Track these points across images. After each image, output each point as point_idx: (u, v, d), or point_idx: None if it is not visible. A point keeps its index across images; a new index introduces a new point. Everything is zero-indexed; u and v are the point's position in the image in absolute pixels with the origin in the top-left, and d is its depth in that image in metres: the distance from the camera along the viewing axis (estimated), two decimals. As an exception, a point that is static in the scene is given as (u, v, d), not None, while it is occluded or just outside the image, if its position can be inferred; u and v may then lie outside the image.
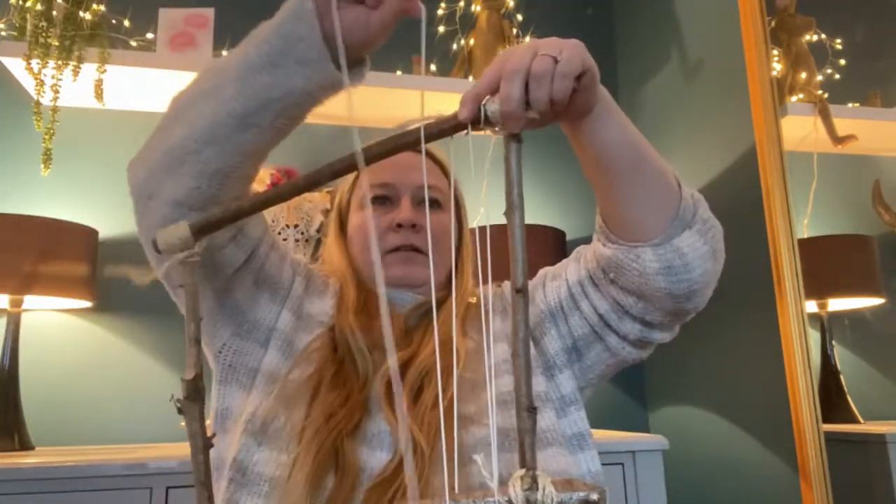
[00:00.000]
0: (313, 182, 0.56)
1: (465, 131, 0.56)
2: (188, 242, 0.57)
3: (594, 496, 0.41)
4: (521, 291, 0.48)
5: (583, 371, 0.83)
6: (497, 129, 0.55)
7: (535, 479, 0.42)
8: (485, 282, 0.81)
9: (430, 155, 0.94)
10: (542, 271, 0.90)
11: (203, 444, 0.55)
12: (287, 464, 0.68)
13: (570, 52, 0.57)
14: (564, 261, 0.87)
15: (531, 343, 0.81)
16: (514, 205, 0.50)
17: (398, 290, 0.86)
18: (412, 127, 0.56)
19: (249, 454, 0.70)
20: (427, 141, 0.55)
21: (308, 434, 0.69)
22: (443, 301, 0.86)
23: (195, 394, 0.54)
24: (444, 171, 0.94)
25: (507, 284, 0.93)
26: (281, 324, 0.80)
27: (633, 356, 0.82)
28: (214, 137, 0.65)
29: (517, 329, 0.48)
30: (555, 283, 0.85)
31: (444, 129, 0.56)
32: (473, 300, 0.91)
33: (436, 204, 0.90)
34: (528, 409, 0.46)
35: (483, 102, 0.55)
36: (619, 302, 0.77)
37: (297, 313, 0.82)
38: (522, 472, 0.43)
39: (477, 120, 0.55)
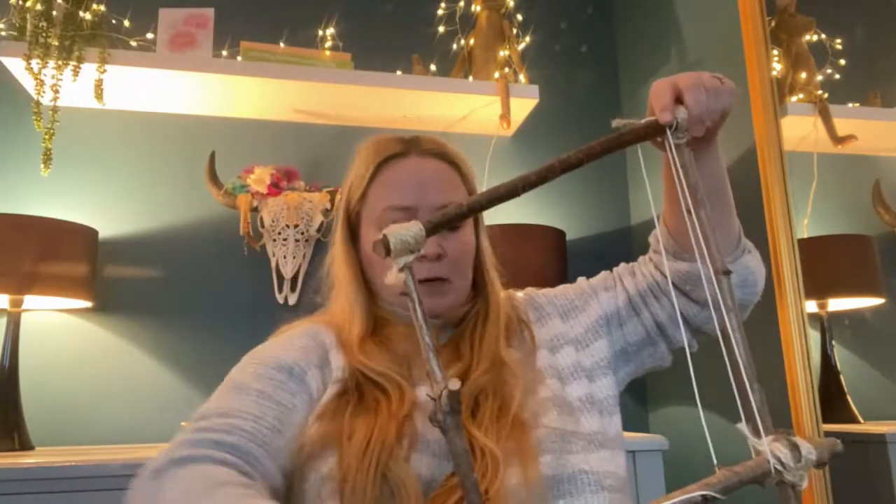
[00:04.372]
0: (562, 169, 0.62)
1: (661, 136, 0.64)
2: (420, 241, 0.56)
3: (840, 447, 0.52)
4: (728, 273, 0.58)
5: (624, 377, 0.89)
6: (680, 135, 0.64)
7: (791, 441, 0.49)
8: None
9: (445, 158, 0.86)
10: (582, 282, 0.94)
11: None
12: None
13: (727, 78, 0.70)
14: (607, 275, 0.92)
15: (573, 350, 0.85)
16: (700, 203, 0.60)
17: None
18: (615, 123, 0.64)
19: None
20: (627, 144, 0.63)
21: (350, 477, 0.66)
22: (480, 314, 0.84)
23: (457, 405, 0.53)
24: (461, 173, 0.87)
25: (531, 291, 0.94)
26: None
27: (665, 364, 0.90)
28: None
29: (728, 304, 0.56)
30: (608, 293, 0.89)
31: (647, 132, 0.64)
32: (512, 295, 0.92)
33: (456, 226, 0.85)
34: (759, 381, 0.54)
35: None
36: (682, 312, 0.84)
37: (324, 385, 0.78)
38: (773, 436, 0.50)
39: (670, 125, 0.64)
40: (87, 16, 1.63)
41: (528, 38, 2.03)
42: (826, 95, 1.51)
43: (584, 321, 0.87)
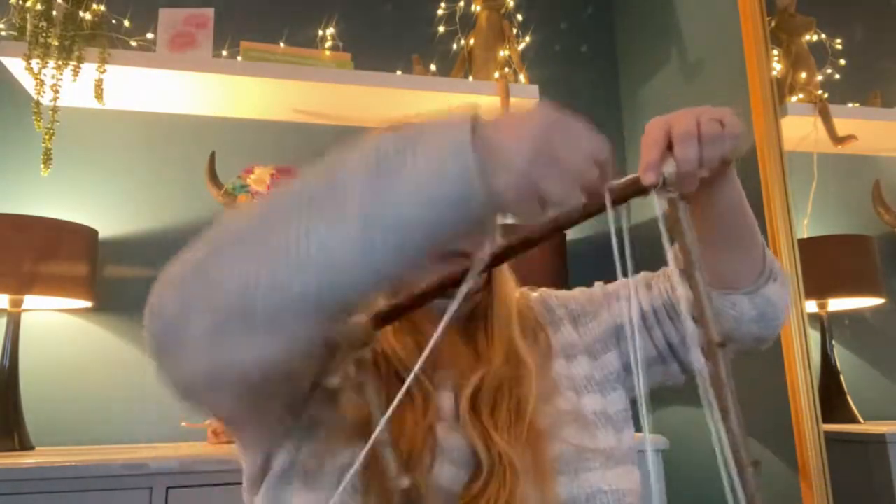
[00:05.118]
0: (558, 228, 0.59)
1: (646, 195, 0.59)
2: (369, 336, 0.51)
3: None
4: (722, 345, 0.51)
5: (633, 389, 0.84)
6: (670, 189, 0.58)
7: None
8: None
9: None
10: (597, 288, 0.90)
11: None
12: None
13: (731, 117, 0.63)
14: (626, 282, 0.85)
15: (587, 360, 0.82)
16: (695, 265, 0.53)
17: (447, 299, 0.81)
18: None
19: (304, 500, 0.66)
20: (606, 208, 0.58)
21: (367, 478, 0.64)
22: (487, 302, 0.81)
23: None
24: None
25: (545, 292, 0.91)
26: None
27: (679, 382, 0.86)
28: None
29: (722, 380, 0.51)
30: (621, 303, 0.85)
31: (627, 192, 0.59)
32: (518, 293, 0.88)
33: None
34: (753, 464, 0.47)
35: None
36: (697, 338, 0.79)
37: None
38: None
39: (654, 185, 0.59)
40: (87, 16, 1.63)
41: (528, 38, 2.03)
42: (826, 95, 1.51)
43: (595, 330, 0.84)
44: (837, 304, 1.45)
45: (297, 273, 0.47)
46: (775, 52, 1.53)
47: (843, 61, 1.54)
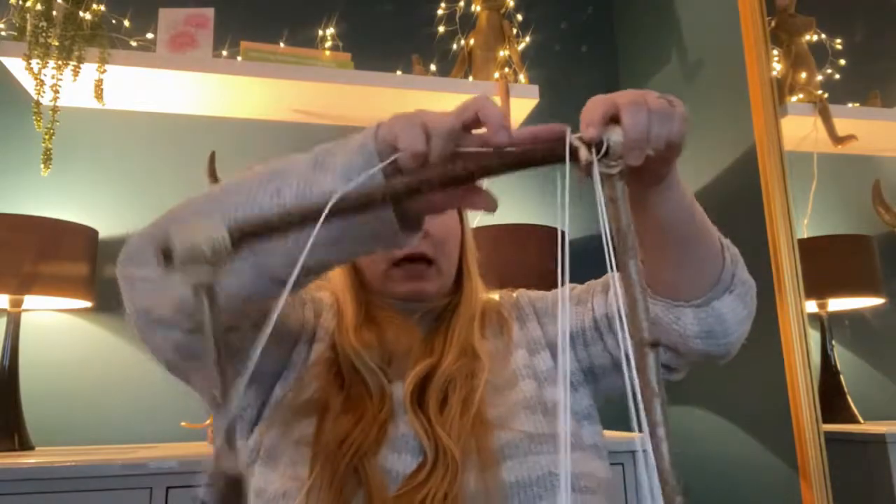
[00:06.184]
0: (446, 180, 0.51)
1: (585, 160, 0.49)
2: (221, 253, 0.39)
3: None
4: (655, 345, 0.43)
5: (597, 392, 0.84)
6: (612, 164, 0.49)
7: None
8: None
9: None
10: (568, 289, 0.88)
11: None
12: (300, 482, 0.67)
13: (678, 100, 0.58)
14: (591, 284, 0.85)
15: (549, 355, 0.82)
16: (629, 252, 0.45)
17: (406, 301, 0.83)
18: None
19: (264, 479, 0.71)
20: (535, 164, 0.50)
21: (320, 460, 0.68)
22: (454, 306, 0.84)
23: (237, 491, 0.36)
24: None
25: (521, 292, 0.92)
26: (296, 356, 0.79)
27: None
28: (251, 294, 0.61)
29: (651, 387, 0.42)
30: (578, 308, 0.83)
31: (564, 151, 0.50)
32: (497, 296, 0.90)
33: None
34: (684, 493, 0.39)
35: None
36: None
37: (309, 341, 0.81)
38: None
39: (598, 147, 0.49)
40: (87, 16, 1.62)
41: (528, 38, 2.03)
42: (826, 95, 1.51)
43: (552, 332, 0.84)
44: (837, 304, 1.45)
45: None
46: (775, 52, 1.53)
47: (843, 61, 1.54)
